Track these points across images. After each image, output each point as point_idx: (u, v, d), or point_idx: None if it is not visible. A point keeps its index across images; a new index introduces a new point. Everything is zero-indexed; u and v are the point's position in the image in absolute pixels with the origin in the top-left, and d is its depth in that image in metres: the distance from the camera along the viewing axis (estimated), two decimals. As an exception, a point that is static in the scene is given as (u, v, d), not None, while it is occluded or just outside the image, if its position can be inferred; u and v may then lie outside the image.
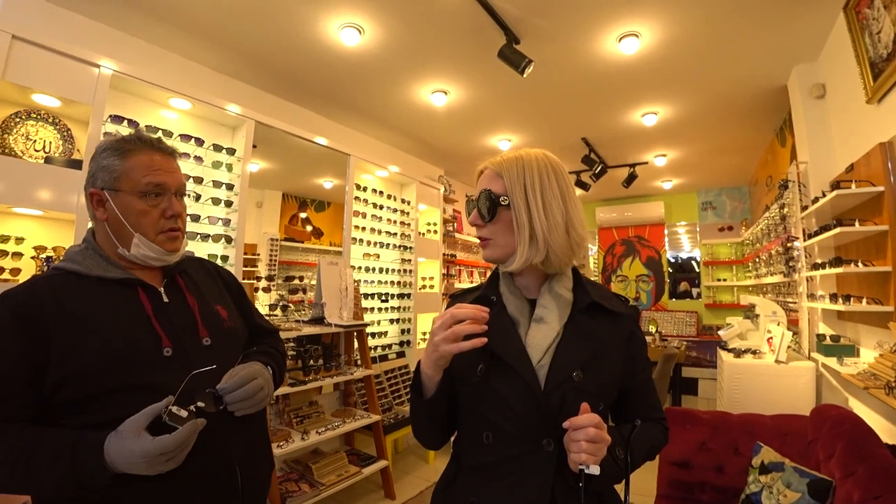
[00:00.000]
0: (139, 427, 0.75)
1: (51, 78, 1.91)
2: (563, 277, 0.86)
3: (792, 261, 2.92)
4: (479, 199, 0.85)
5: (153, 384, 0.84)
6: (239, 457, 0.92)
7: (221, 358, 0.94)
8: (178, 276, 1.02)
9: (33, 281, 0.88)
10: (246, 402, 0.88)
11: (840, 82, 2.54)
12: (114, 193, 0.92)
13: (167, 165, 0.97)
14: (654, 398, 0.91)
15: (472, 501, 0.79)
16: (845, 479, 1.64)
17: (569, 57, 2.82)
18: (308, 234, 3.68)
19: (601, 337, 0.82)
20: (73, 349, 0.81)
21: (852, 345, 2.36)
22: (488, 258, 0.88)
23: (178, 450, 0.76)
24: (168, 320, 0.93)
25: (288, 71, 2.99)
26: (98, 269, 0.91)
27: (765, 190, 4.71)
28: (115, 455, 0.74)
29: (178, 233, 0.98)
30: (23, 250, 1.93)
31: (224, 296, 1.12)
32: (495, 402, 0.78)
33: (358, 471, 2.65)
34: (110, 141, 0.96)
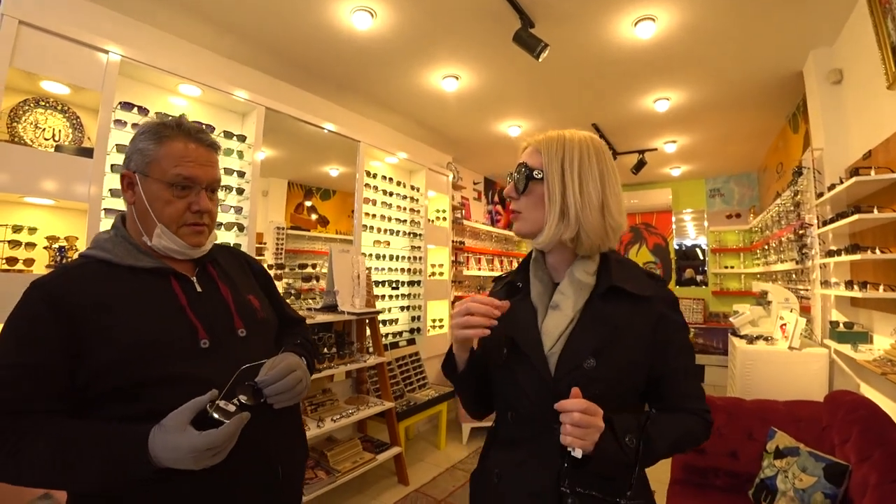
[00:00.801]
0: (184, 421, 0.74)
1: (59, 64, 1.88)
2: (587, 261, 0.86)
3: (805, 248, 2.91)
4: (513, 172, 0.88)
5: (191, 376, 0.82)
6: (277, 447, 0.91)
7: (256, 349, 0.94)
8: (209, 265, 1.00)
9: (64, 269, 0.86)
10: (285, 395, 0.87)
11: (858, 67, 2.50)
12: (143, 178, 0.90)
13: (203, 158, 0.94)
14: (692, 387, 0.86)
15: (496, 473, 0.85)
16: (861, 463, 1.66)
17: (583, 41, 2.78)
18: (314, 222, 3.67)
19: (618, 322, 0.80)
20: (109, 340, 0.79)
21: (866, 332, 2.36)
22: (517, 231, 0.89)
23: (226, 444, 0.75)
24: (203, 311, 0.91)
25: (298, 57, 2.96)
26: (129, 257, 0.89)
27: (775, 177, 4.68)
28: (159, 449, 0.72)
29: (204, 228, 0.95)
30: (35, 240, 1.92)
31: (255, 286, 1.10)
32: (513, 386, 0.84)
33: (372, 457, 2.68)
34: (150, 123, 0.94)
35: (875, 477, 1.54)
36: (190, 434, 0.72)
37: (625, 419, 0.75)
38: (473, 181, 6.06)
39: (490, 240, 5.97)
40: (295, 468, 0.99)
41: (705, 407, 0.85)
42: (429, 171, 4.13)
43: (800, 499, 1.73)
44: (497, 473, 0.85)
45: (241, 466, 0.83)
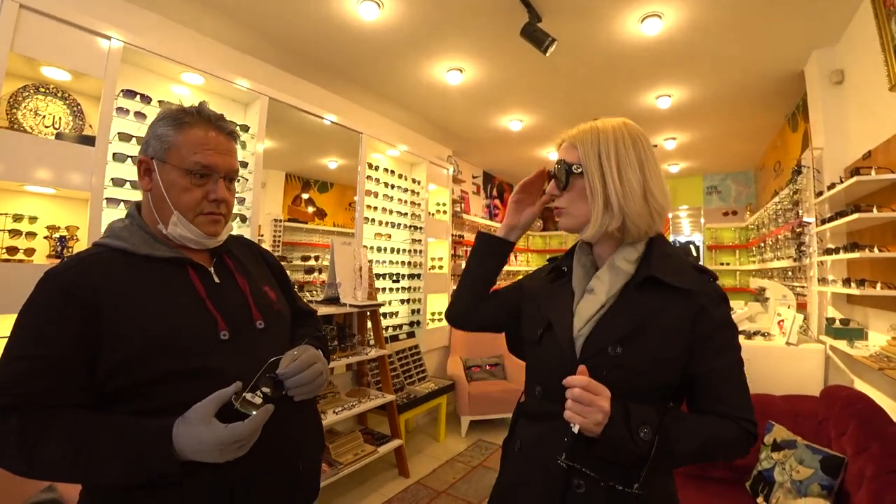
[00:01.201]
0: (209, 414, 0.73)
1: (60, 50, 1.85)
2: (630, 249, 0.85)
3: (803, 245, 2.95)
4: (553, 170, 0.90)
5: (212, 369, 0.81)
6: (298, 439, 0.92)
7: (275, 341, 0.94)
8: (225, 256, 0.99)
9: (80, 258, 0.83)
10: (306, 388, 0.86)
11: (860, 69, 2.53)
12: (161, 164, 0.88)
13: (223, 146, 0.92)
14: (732, 392, 0.78)
15: (518, 443, 0.91)
16: (858, 455, 1.70)
17: (589, 37, 2.78)
18: (311, 214, 3.66)
19: (650, 312, 0.79)
20: (129, 332, 0.77)
21: (861, 328, 2.40)
22: (564, 227, 0.90)
23: (252, 436, 0.75)
24: (222, 302, 0.89)
25: (302, 47, 2.93)
26: (145, 246, 0.87)
27: (772, 175, 4.73)
28: (184, 442, 0.71)
29: (220, 217, 0.93)
30: (36, 230, 1.90)
31: (269, 277, 1.09)
32: (543, 363, 0.89)
33: (374, 450, 2.70)
34: (170, 109, 0.92)
35: (871, 469, 1.58)
36: (215, 427, 0.72)
37: (644, 410, 0.73)
38: (472, 175, 6.06)
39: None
40: (313, 459, 0.99)
41: (746, 416, 0.77)
42: (429, 165, 4.12)
43: (796, 490, 1.77)
44: (518, 444, 0.91)
45: (263, 458, 0.82)
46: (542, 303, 0.92)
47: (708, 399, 0.79)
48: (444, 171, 4.41)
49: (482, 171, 6.34)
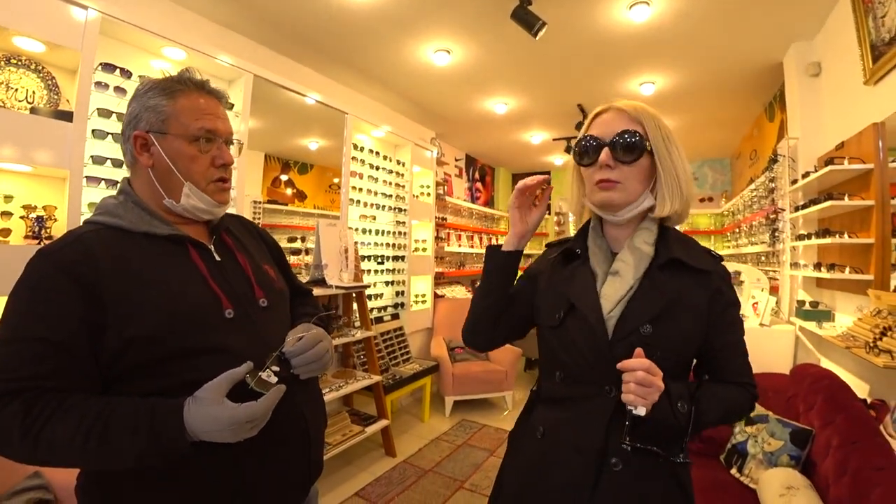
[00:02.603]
0: (221, 393, 0.72)
1: (34, 19, 1.75)
2: (647, 232, 0.87)
3: (777, 231, 3.07)
4: (618, 140, 0.83)
5: (219, 347, 0.80)
6: (304, 415, 0.91)
7: (278, 319, 0.94)
8: (224, 233, 0.96)
9: (78, 235, 0.79)
10: (312, 365, 0.87)
11: (837, 62, 2.61)
12: (161, 137, 0.84)
13: (216, 111, 0.90)
14: (741, 362, 0.87)
15: (539, 429, 0.89)
16: (824, 427, 1.81)
17: (578, 21, 2.79)
18: (290, 196, 3.60)
19: (677, 293, 0.82)
20: (134, 312, 0.74)
21: (829, 310, 2.53)
22: (614, 201, 0.85)
23: (265, 415, 0.75)
24: (224, 280, 0.87)
25: (288, 23, 2.86)
26: (143, 224, 0.83)
27: (748, 163, 4.87)
28: (196, 422, 0.70)
29: (228, 184, 0.92)
30: (11, 209, 1.83)
31: (267, 255, 1.07)
32: (568, 345, 0.86)
33: (361, 430, 2.73)
34: (154, 80, 0.88)
35: (836, 439, 1.69)
36: (228, 406, 0.71)
37: (678, 386, 0.78)
38: (455, 157, 6.05)
39: (471, 217, 6.02)
40: (321, 435, 1.00)
41: (752, 381, 0.87)
42: (414, 147, 4.10)
43: (767, 461, 1.89)
44: (541, 430, 0.88)
45: (275, 433, 0.82)
46: (559, 286, 0.91)
47: (722, 370, 0.86)
48: (428, 153, 4.39)
49: (465, 153, 6.33)
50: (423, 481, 2.71)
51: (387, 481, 2.70)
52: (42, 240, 1.82)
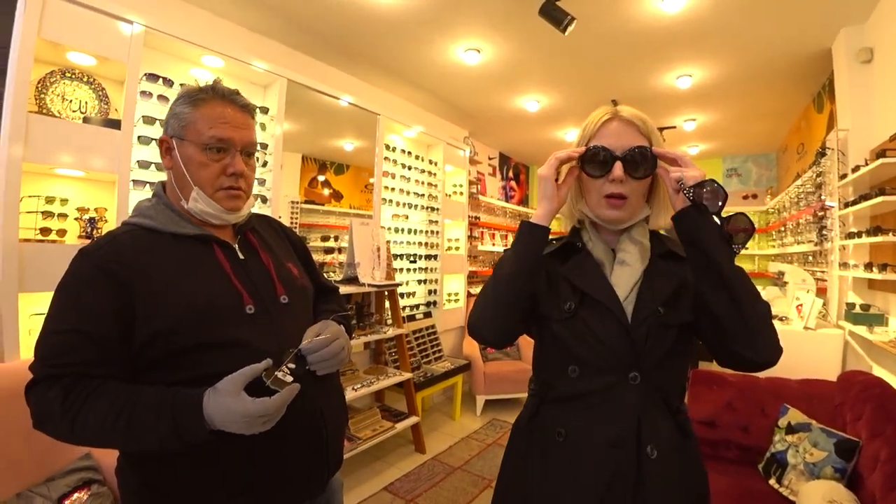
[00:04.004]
0: (238, 387, 0.76)
1: (85, 35, 1.88)
2: (640, 227, 0.91)
3: (825, 229, 2.90)
4: (634, 156, 0.83)
5: (239, 341, 0.85)
6: (324, 410, 0.94)
7: (298, 315, 0.98)
8: (249, 233, 1.01)
9: (112, 236, 0.87)
10: (329, 362, 0.89)
11: (890, 47, 2.45)
12: (180, 142, 0.90)
13: (238, 121, 0.93)
14: None
15: (559, 431, 0.85)
16: (873, 439, 1.70)
17: (608, 15, 2.73)
18: (327, 196, 3.68)
19: (679, 277, 0.86)
20: (160, 306, 0.81)
21: (882, 314, 2.38)
22: (621, 218, 0.87)
23: (278, 412, 0.78)
24: (247, 277, 0.92)
25: (320, 28, 2.93)
26: (172, 224, 0.90)
27: (795, 157, 4.62)
28: (213, 412, 0.74)
29: (240, 192, 0.94)
30: (67, 211, 1.96)
31: (292, 254, 1.11)
32: (584, 336, 0.83)
33: (391, 426, 2.78)
34: (187, 88, 0.94)
35: (886, 452, 1.59)
36: (244, 399, 0.75)
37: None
38: (489, 156, 6.03)
39: (504, 215, 5.99)
40: (339, 430, 1.03)
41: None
42: (446, 146, 4.12)
43: (809, 472, 1.79)
44: (561, 432, 0.84)
45: (292, 427, 0.85)
46: (563, 277, 0.89)
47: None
48: (461, 152, 4.41)
49: (498, 152, 6.30)
50: (451, 478, 2.73)
51: (415, 477, 2.73)
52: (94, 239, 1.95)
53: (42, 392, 0.76)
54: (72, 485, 1.47)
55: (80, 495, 1.47)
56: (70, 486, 1.47)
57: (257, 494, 0.85)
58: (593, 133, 0.88)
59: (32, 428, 0.79)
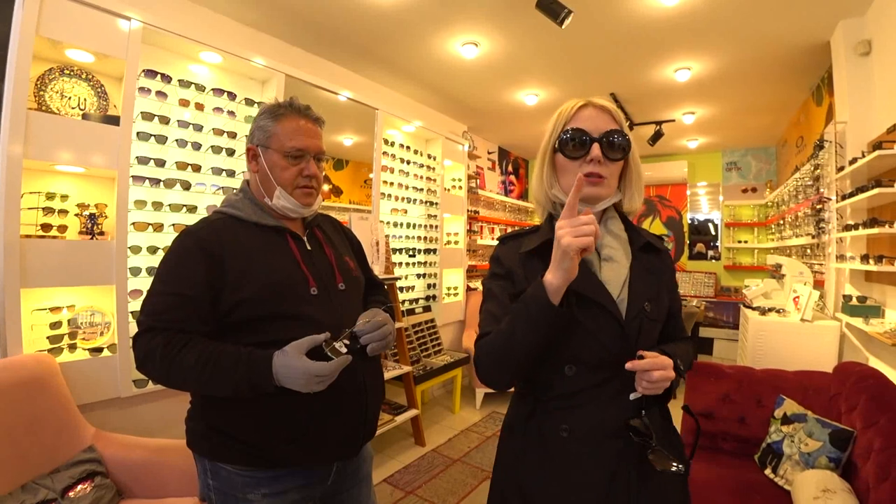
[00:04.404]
0: (302, 350, 0.92)
1: (83, 32, 1.89)
2: (615, 219, 0.95)
3: (822, 222, 2.91)
4: (610, 138, 0.87)
5: (305, 315, 1.03)
6: (367, 385, 1.09)
7: (352, 301, 1.16)
8: (315, 228, 1.20)
9: (209, 221, 1.07)
10: (380, 343, 1.04)
11: (889, 39, 2.44)
12: (265, 150, 1.10)
13: (311, 132, 1.12)
14: (682, 321, 1.03)
15: (564, 428, 0.85)
16: (867, 429, 1.72)
17: (605, 8, 2.73)
18: (327, 192, 3.69)
19: (658, 272, 0.93)
20: (245, 280, 0.99)
21: (878, 306, 2.39)
22: (602, 196, 0.89)
23: (331, 376, 0.93)
24: (312, 264, 1.10)
25: (317, 23, 2.93)
26: (255, 215, 1.09)
27: (794, 151, 4.61)
28: (279, 369, 0.91)
29: (313, 190, 1.13)
30: (67, 208, 1.97)
31: (350, 250, 1.29)
32: (581, 336, 0.84)
33: (391, 419, 2.80)
34: (268, 105, 1.13)
35: (879, 442, 1.60)
36: (305, 361, 0.91)
37: (672, 348, 0.90)
38: (488, 150, 6.03)
39: (504, 210, 5.99)
40: (377, 403, 1.17)
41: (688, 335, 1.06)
42: (445, 140, 4.12)
43: (804, 462, 1.81)
44: (566, 428, 0.85)
45: (341, 395, 1.02)
46: None
47: (674, 328, 0.99)
48: (460, 146, 4.41)
49: (497, 146, 6.29)
50: (450, 470, 2.76)
51: (415, 469, 2.76)
52: (95, 235, 1.97)
53: (147, 340, 0.95)
54: (76, 477, 1.50)
55: (83, 487, 1.49)
56: (74, 477, 1.50)
57: (305, 445, 1.01)
58: (569, 118, 0.92)
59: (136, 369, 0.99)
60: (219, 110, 2.43)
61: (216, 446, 1.03)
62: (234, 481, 1.02)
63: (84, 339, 1.94)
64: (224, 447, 1.02)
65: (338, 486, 1.13)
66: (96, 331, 1.98)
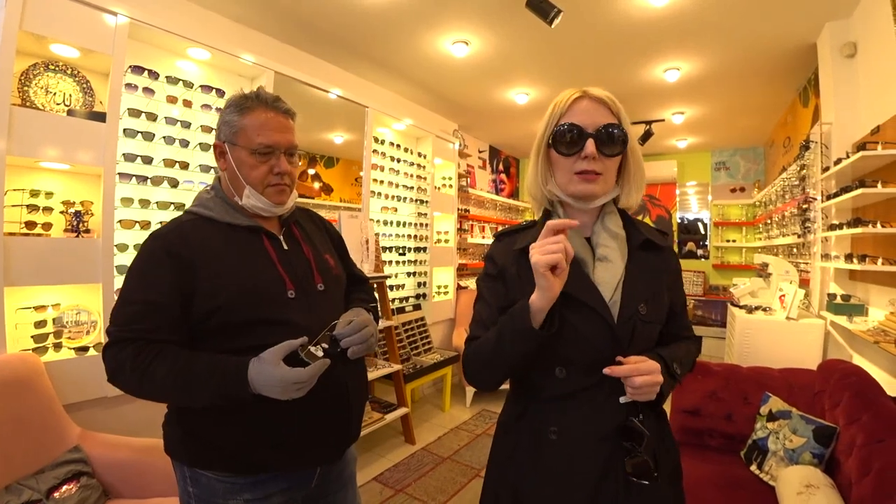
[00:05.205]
0: (278, 357, 0.88)
1: (68, 27, 1.85)
2: (613, 215, 0.91)
3: (808, 221, 2.95)
4: (605, 133, 0.83)
5: (282, 320, 0.97)
6: (349, 388, 1.05)
7: (332, 302, 1.10)
8: (293, 226, 1.13)
9: (179, 223, 1.00)
10: (361, 346, 0.99)
11: (873, 42, 2.48)
12: (232, 147, 1.03)
13: (281, 125, 1.04)
14: (687, 319, 0.99)
15: (552, 430, 0.84)
16: (850, 425, 1.75)
17: (595, 8, 2.74)
18: (317, 190, 3.67)
19: (657, 272, 0.89)
20: (218, 285, 0.94)
21: (862, 304, 2.43)
22: (597, 192, 0.86)
23: (309, 382, 0.89)
24: (290, 266, 1.04)
25: (307, 20, 2.91)
26: (227, 215, 1.03)
27: (781, 151, 4.67)
28: (255, 377, 0.87)
29: (285, 187, 1.05)
30: (52, 205, 1.94)
31: (330, 246, 1.22)
32: (571, 337, 0.82)
33: (381, 417, 2.80)
34: (234, 97, 1.05)
35: (861, 438, 1.63)
36: (282, 368, 0.87)
37: (669, 351, 0.87)
38: (479, 149, 6.03)
39: (494, 208, 6.00)
40: (360, 406, 1.13)
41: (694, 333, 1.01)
42: (435, 139, 4.12)
43: (789, 458, 1.84)
44: (554, 430, 0.84)
45: (322, 399, 0.97)
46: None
47: (677, 326, 0.96)
48: (450, 145, 4.41)
49: (488, 145, 6.30)
50: (440, 468, 2.77)
51: (405, 467, 2.76)
52: (80, 233, 1.94)
53: (116, 352, 0.90)
54: (61, 477, 1.48)
55: (69, 487, 1.48)
56: (59, 478, 1.48)
57: (287, 450, 0.98)
58: (563, 111, 0.87)
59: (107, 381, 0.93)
60: (207, 107, 2.41)
61: (195, 452, 0.98)
62: (215, 488, 0.98)
63: (70, 338, 1.92)
64: (203, 453, 0.97)
65: (322, 490, 1.09)
66: (82, 330, 1.96)
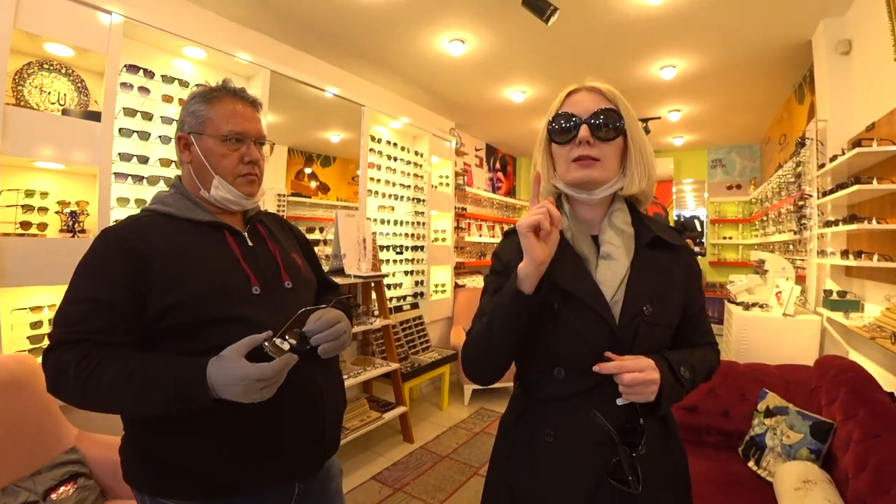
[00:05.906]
0: (240, 353, 0.81)
1: (63, 26, 1.84)
2: (621, 212, 0.88)
3: (804, 218, 2.96)
4: (598, 118, 0.82)
5: (245, 318, 0.91)
6: (323, 391, 0.98)
7: (301, 301, 1.03)
8: (258, 224, 1.09)
9: (135, 219, 0.95)
10: (332, 344, 0.94)
11: (868, 39, 2.49)
12: (198, 137, 0.98)
13: (249, 115, 1.02)
14: (707, 323, 0.95)
15: (548, 433, 0.83)
16: (846, 420, 1.76)
17: (592, 6, 2.74)
18: (314, 189, 3.66)
19: (666, 271, 0.85)
20: (175, 283, 0.87)
21: (858, 300, 2.44)
22: (594, 178, 0.84)
23: (274, 379, 0.81)
24: (254, 262, 1.00)
25: (303, 18, 2.90)
26: (188, 211, 0.98)
27: (777, 148, 4.69)
28: (215, 377, 0.79)
29: (255, 178, 1.03)
30: (47, 205, 1.93)
31: (296, 247, 1.18)
32: (569, 338, 0.80)
33: (379, 416, 2.80)
34: (199, 90, 1.03)
35: (858, 433, 1.64)
36: (243, 364, 0.79)
37: (677, 355, 0.83)
38: (475, 147, 6.03)
39: (491, 206, 6.00)
40: (336, 412, 1.06)
41: (715, 340, 0.97)
42: (432, 137, 4.12)
43: (786, 454, 1.85)
44: (550, 433, 0.83)
45: (290, 403, 0.90)
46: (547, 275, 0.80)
47: (694, 332, 0.92)
48: (447, 143, 4.41)
49: (485, 143, 6.30)
50: (438, 467, 2.77)
51: (403, 466, 2.76)
52: (76, 233, 1.93)
53: (57, 357, 0.81)
54: (58, 478, 1.47)
55: (66, 489, 1.47)
56: (56, 479, 1.47)
57: (255, 467, 0.89)
58: (560, 105, 0.89)
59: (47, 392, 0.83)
60: (203, 106, 2.40)
61: (154, 477, 0.89)
62: None
63: (66, 338, 1.91)
64: (164, 477, 0.88)
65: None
66: (78, 330, 1.95)
